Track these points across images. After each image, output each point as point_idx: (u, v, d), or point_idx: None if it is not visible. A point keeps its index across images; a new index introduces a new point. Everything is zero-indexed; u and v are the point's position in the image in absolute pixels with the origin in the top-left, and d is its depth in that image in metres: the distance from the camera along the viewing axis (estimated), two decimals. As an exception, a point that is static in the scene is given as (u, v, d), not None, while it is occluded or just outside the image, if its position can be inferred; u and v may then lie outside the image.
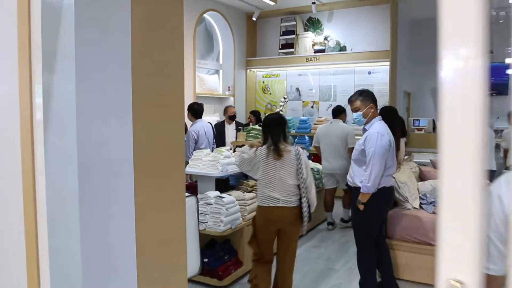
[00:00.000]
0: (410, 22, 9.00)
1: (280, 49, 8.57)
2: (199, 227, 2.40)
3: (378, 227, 3.57)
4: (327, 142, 5.38)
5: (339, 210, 5.90)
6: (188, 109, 6.09)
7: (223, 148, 4.40)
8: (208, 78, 7.91)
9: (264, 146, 3.17)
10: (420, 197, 4.24)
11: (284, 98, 5.76)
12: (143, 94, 1.54)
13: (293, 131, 8.44)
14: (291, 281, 3.31)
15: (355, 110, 3.49)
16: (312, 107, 8.53)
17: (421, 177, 4.84)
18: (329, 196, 5.65)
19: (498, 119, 7.92)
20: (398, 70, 7.64)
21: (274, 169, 3.10)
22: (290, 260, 3.27)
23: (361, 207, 3.36)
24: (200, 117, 6.08)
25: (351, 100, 3.56)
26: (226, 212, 3.64)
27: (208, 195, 3.77)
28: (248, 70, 8.85)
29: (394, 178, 4.13)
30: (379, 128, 3.36)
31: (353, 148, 5.20)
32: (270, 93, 8.95)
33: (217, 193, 3.87)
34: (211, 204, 3.70)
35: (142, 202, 1.53)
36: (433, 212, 3.98)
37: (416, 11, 8.62)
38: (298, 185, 3.12)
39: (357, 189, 3.41)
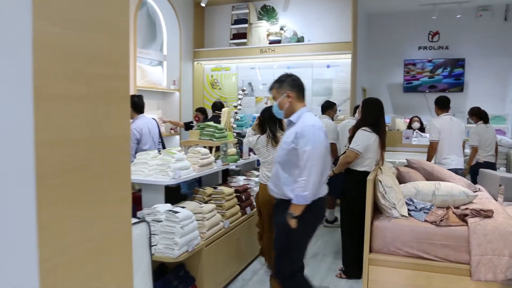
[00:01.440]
0: (367, 16, 8.60)
1: (231, 39, 7.80)
2: (151, 264, 1.59)
3: (304, 251, 2.84)
4: None
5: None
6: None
7: (174, 149, 3.57)
8: (151, 69, 6.97)
9: (264, 135, 3.76)
10: (406, 202, 3.67)
11: (243, 91, 5.02)
12: (54, 55, 0.73)
13: (244, 130, 7.71)
14: None
15: (275, 100, 2.84)
16: (266, 103, 7.83)
17: (399, 179, 4.29)
18: None
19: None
20: (357, 63, 7.15)
21: (273, 154, 3.60)
22: None
23: (294, 222, 2.60)
24: (142, 112, 5.20)
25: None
26: (181, 232, 2.82)
27: (157, 209, 2.92)
28: (195, 63, 7.99)
29: (380, 181, 3.52)
30: (313, 120, 2.65)
31: (332, 143, 5.00)
32: (220, 88, 8.16)
33: (169, 206, 3.04)
34: (161, 221, 2.87)
35: (52, 245, 0.73)
36: (425, 221, 3.41)
37: (373, 5, 8.22)
38: None
39: (286, 201, 2.66)
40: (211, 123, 4.40)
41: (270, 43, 7.35)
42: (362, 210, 3.53)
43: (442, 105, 5.05)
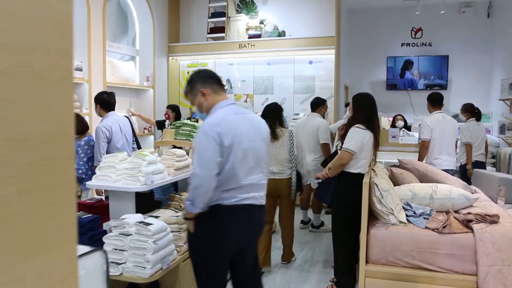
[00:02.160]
0: (348, 11, 8.33)
1: (208, 33, 7.38)
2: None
3: (225, 265, 2.34)
4: (303, 138, 4.72)
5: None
6: (95, 101, 4.77)
7: (146, 151, 3.14)
8: (122, 65, 6.49)
9: None
10: (403, 207, 3.35)
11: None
12: None
13: (225, 129, 7.31)
14: (292, 235, 4.22)
15: (192, 104, 2.45)
16: (245, 101, 7.46)
17: (393, 181, 3.97)
18: (305, 193, 5.12)
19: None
20: (340, 59, 6.86)
21: (271, 149, 3.70)
22: (290, 216, 4.13)
23: (190, 226, 2.24)
24: (113, 109, 4.78)
25: None
26: (154, 247, 2.41)
27: (125, 221, 2.50)
28: (170, 58, 7.54)
29: (376, 184, 3.20)
30: (212, 117, 2.21)
31: (325, 143, 4.85)
32: (197, 85, 7.72)
33: (139, 216, 2.62)
34: (131, 235, 2.45)
35: None
36: (426, 227, 3.10)
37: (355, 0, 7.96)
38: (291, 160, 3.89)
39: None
40: (188, 121, 4.00)
41: (249, 38, 6.98)
42: (355, 215, 3.20)
43: (435, 102, 4.78)
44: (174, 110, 6.07)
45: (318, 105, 5.23)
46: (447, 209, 3.49)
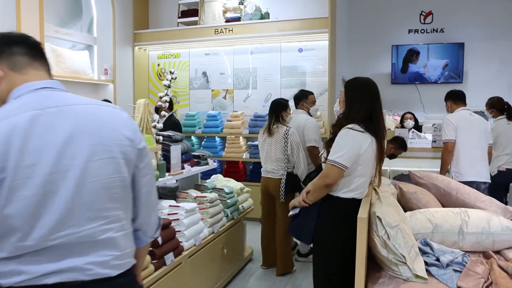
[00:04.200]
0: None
1: (179, 17, 6.25)
2: None
3: None
4: None
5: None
6: None
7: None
8: (72, 55, 5.37)
9: (264, 126, 3.94)
10: (419, 248, 2.21)
11: (171, 73, 3.49)
12: None
13: (198, 131, 6.19)
14: (289, 243, 3.95)
15: None
16: (224, 97, 6.32)
17: (403, 204, 2.83)
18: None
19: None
20: (337, 47, 5.70)
21: (266, 145, 3.86)
22: (283, 221, 3.75)
23: None
24: None
25: None
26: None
27: None
28: (137, 48, 6.41)
29: (379, 218, 2.05)
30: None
31: (313, 146, 3.98)
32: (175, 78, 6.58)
33: None
34: None
35: None
36: (459, 287, 1.95)
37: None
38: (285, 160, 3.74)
39: None
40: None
41: (227, 21, 5.83)
42: (347, 265, 2.07)
43: (457, 97, 3.87)
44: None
45: (298, 99, 4.16)
46: (485, 249, 2.36)
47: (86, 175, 1.17)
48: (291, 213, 2.41)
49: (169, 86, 3.41)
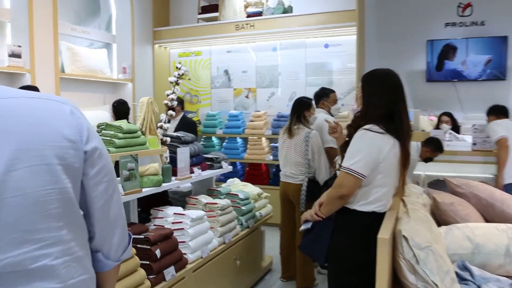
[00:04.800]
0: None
1: (199, 13, 6.01)
2: None
3: None
4: None
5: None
6: None
7: None
8: (89, 53, 5.22)
9: (285, 126, 3.63)
10: (456, 274, 1.84)
11: (178, 69, 3.21)
12: None
13: (219, 131, 5.93)
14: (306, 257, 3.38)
15: None
16: (247, 96, 6.04)
17: (436, 216, 2.45)
18: None
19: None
20: (366, 43, 5.31)
21: (286, 147, 3.56)
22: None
23: None
24: None
25: None
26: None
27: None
28: (157, 46, 6.22)
29: (405, 238, 1.70)
30: None
31: (331, 147, 3.68)
32: (189, 79, 6.38)
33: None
34: None
35: None
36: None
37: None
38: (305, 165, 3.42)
39: None
40: (116, 122, 2.62)
41: (248, 16, 5.55)
42: (367, 287, 1.73)
43: (500, 112, 3.93)
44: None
45: (320, 97, 3.84)
46: (538, 274, 1.95)
47: (6, 188, 0.89)
48: (302, 227, 2.09)
49: (176, 83, 3.13)
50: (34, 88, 3.69)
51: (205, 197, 3.23)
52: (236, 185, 3.91)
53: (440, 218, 2.44)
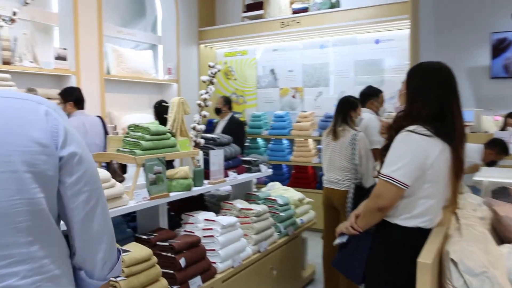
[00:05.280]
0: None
1: (244, 11, 5.88)
2: None
3: None
4: None
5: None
6: (63, 96, 3.64)
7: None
8: (134, 55, 5.25)
9: (328, 127, 3.37)
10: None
11: (211, 67, 3.05)
12: None
13: (265, 133, 5.76)
14: None
15: None
16: (293, 96, 5.83)
17: (498, 231, 2.11)
18: None
19: None
20: (421, 37, 4.92)
21: (330, 150, 3.30)
22: None
23: None
24: (82, 107, 3.63)
25: None
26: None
27: None
28: (203, 46, 6.16)
29: (454, 262, 1.42)
30: None
31: (377, 149, 3.22)
32: (235, 79, 6.27)
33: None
34: None
35: None
36: None
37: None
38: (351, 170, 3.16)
39: None
40: (144, 123, 2.52)
41: (294, 13, 5.33)
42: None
43: None
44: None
45: (368, 96, 3.56)
46: None
47: None
48: (337, 241, 1.86)
49: (211, 83, 2.99)
50: (76, 89, 3.72)
51: (241, 202, 3.07)
52: (277, 190, 3.72)
53: (503, 235, 2.10)
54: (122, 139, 2.47)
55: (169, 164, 3.54)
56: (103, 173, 2.05)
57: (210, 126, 5.89)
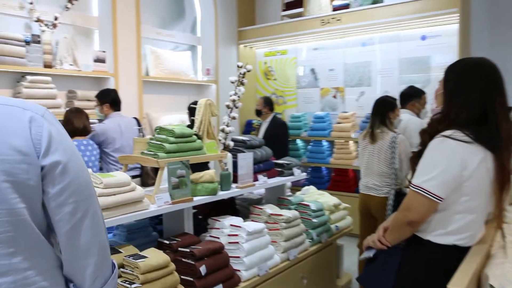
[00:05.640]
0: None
1: (283, 10, 5.75)
2: None
3: None
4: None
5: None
6: (99, 98, 3.69)
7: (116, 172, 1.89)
8: (172, 56, 5.26)
9: (365, 129, 3.25)
10: None
11: (239, 67, 2.93)
12: None
13: (304, 134, 5.60)
14: None
15: None
16: (334, 96, 5.63)
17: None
18: None
19: None
20: (472, 32, 4.58)
21: (368, 154, 3.15)
22: None
23: None
24: (119, 109, 3.68)
25: None
26: None
27: None
28: (242, 46, 6.09)
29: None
30: None
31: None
32: (275, 79, 6.15)
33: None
34: None
35: None
36: None
37: None
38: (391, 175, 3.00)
39: None
40: (170, 125, 2.47)
41: (334, 10, 5.14)
42: None
43: None
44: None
45: (409, 97, 3.35)
46: None
47: None
48: (364, 255, 1.70)
49: (241, 83, 2.89)
50: (112, 91, 3.76)
51: (272, 207, 2.95)
52: (311, 194, 3.56)
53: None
54: (147, 141, 2.43)
55: (204, 168, 3.50)
56: (123, 177, 2.01)
57: (249, 127, 5.83)
